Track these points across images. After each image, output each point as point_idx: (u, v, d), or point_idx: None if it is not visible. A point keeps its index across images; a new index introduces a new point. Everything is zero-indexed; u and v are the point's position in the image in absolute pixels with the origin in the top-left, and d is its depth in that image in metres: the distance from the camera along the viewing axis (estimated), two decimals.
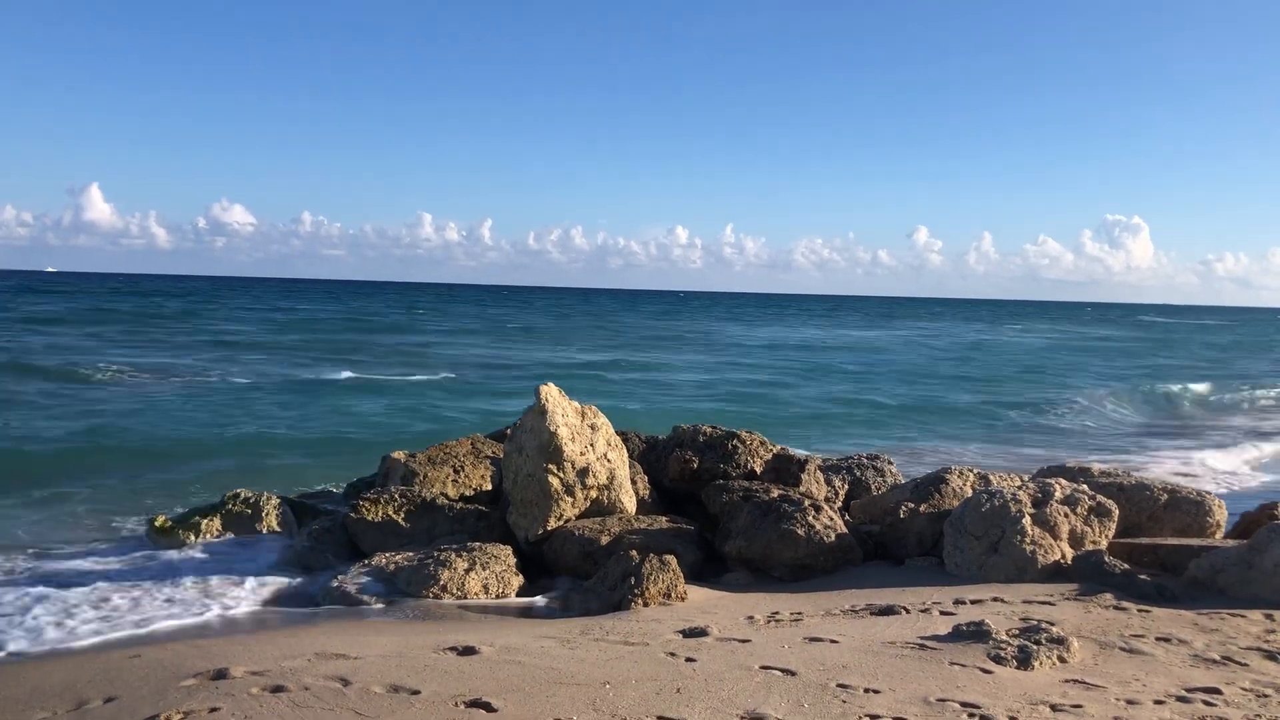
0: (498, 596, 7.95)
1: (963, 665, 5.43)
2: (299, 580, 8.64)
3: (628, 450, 10.03)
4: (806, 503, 8.84)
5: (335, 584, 7.94)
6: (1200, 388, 32.28)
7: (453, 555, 8.10)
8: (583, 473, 8.96)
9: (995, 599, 7.21)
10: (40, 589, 8.60)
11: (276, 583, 8.63)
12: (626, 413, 19.94)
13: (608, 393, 24.84)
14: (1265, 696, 5.08)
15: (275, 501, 10.05)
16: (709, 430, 10.40)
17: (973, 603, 7.11)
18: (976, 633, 5.95)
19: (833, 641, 5.97)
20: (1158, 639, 6.10)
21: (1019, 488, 8.67)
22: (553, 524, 8.88)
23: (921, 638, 6.03)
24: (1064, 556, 8.02)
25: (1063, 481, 8.74)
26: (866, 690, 5.00)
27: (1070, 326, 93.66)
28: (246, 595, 8.30)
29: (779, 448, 10.57)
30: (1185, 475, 15.62)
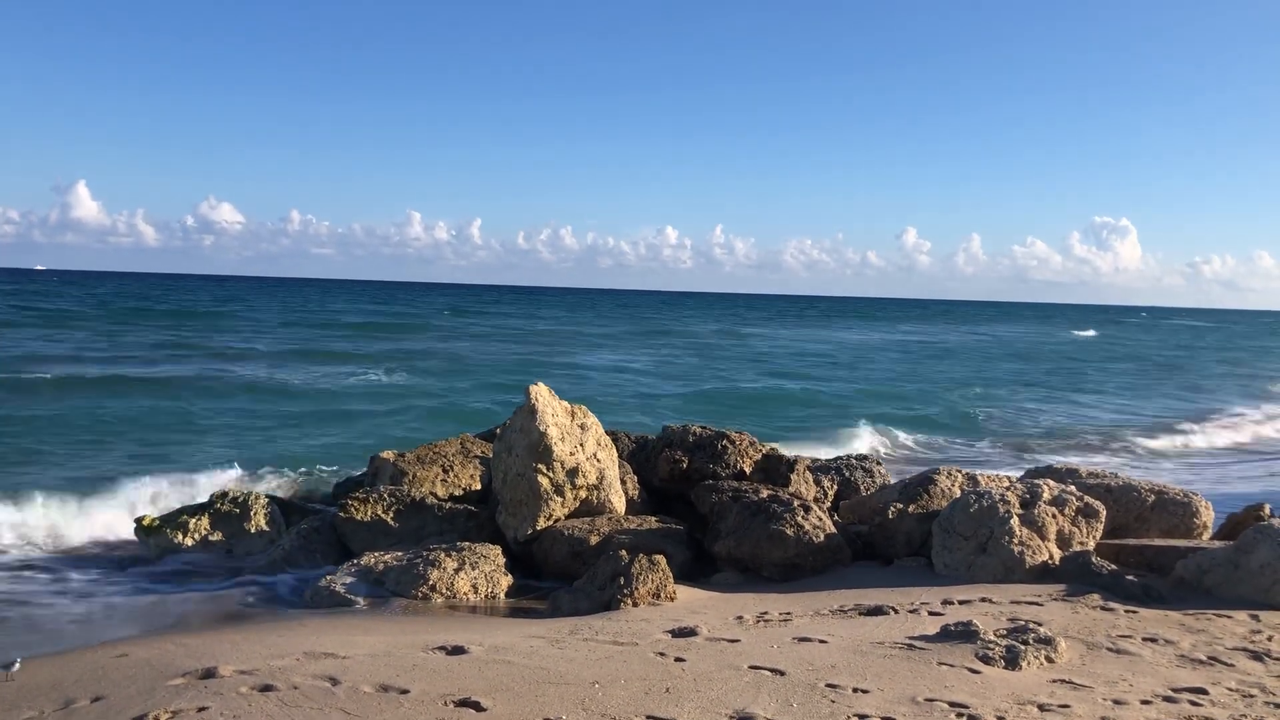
0: (487, 596, 7.94)
1: (951, 665, 5.45)
2: (287, 580, 8.62)
3: (617, 450, 10.03)
4: (795, 503, 8.85)
5: (324, 583, 7.92)
6: None
7: (442, 555, 8.09)
8: (572, 472, 8.96)
9: (983, 599, 7.24)
10: (28, 586, 8.57)
11: (264, 582, 8.61)
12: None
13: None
14: (1250, 696, 5.11)
15: (264, 501, 10.02)
16: (698, 430, 10.41)
17: (961, 603, 7.13)
18: (964, 633, 5.97)
19: (821, 641, 5.98)
20: (1145, 639, 6.13)
21: (1007, 488, 8.70)
22: (542, 524, 8.87)
23: (910, 638, 6.05)
24: (1052, 557, 8.05)
25: (1050, 482, 8.77)
26: (855, 690, 5.01)
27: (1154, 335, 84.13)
28: (234, 594, 8.28)
29: (768, 448, 10.59)
30: None
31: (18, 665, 5.69)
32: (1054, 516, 8.27)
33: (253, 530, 9.66)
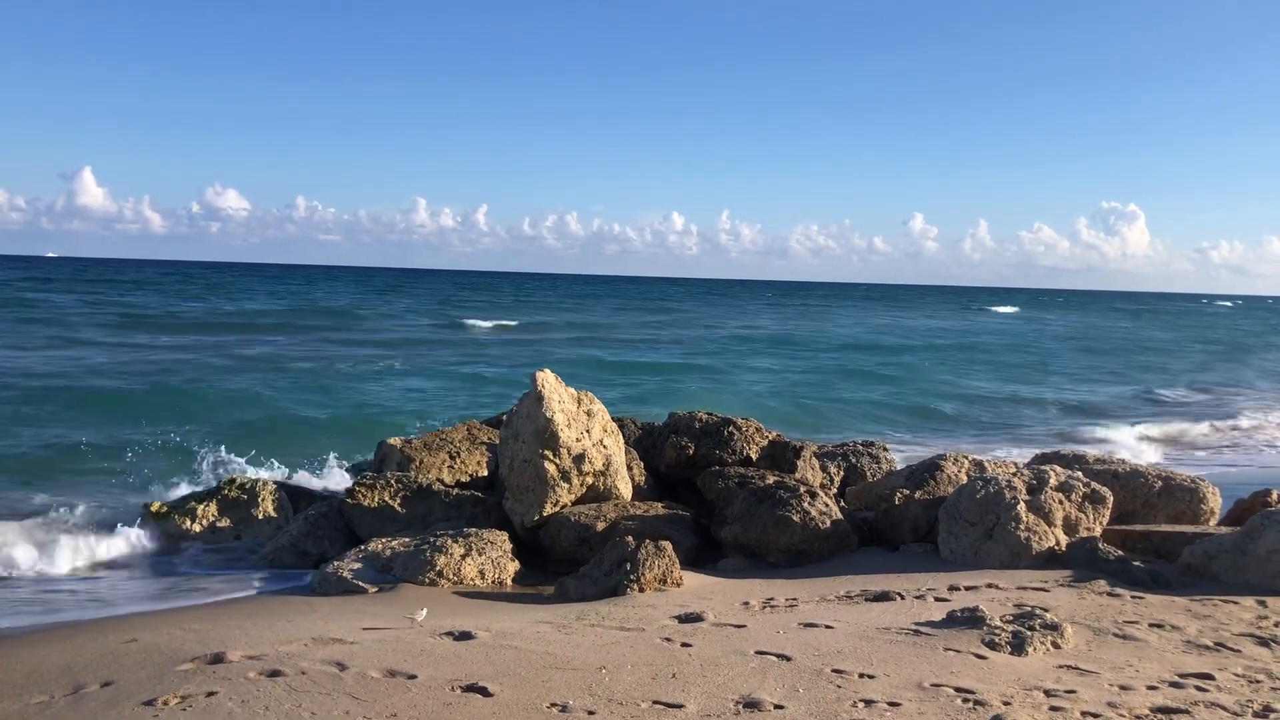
0: (494, 582, 7.97)
1: (957, 651, 5.46)
2: (295, 565, 8.65)
3: (624, 436, 10.03)
4: (802, 489, 8.86)
5: (331, 569, 7.94)
6: None
7: (449, 541, 8.11)
8: (579, 459, 8.97)
9: (989, 585, 7.24)
10: (36, 571, 8.62)
11: (272, 568, 8.65)
12: None
13: None
14: (1257, 682, 5.10)
15: (271, 487, 10.06)
16: (705, 417, 10.40)
17: (967, 589, 7.14)
18: (971, 619, 5.97)
19: (828, 627, 5.99)
20: (1151, 625, 6.13)
21: (1014, 474, 8.69)
22: (549, 510, 8.89)
23: (916, 623, 6.05)
24: (1058, 543, 8.05)
25: (1057, 468, 8.76)
26: (861, 675, 5.01)
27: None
28: (242, 580, 8.32)
29: (775, 434, 10.59)
30: None
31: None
32: (1061, 502, 8.27)
33: (260, 516, 9.71)
